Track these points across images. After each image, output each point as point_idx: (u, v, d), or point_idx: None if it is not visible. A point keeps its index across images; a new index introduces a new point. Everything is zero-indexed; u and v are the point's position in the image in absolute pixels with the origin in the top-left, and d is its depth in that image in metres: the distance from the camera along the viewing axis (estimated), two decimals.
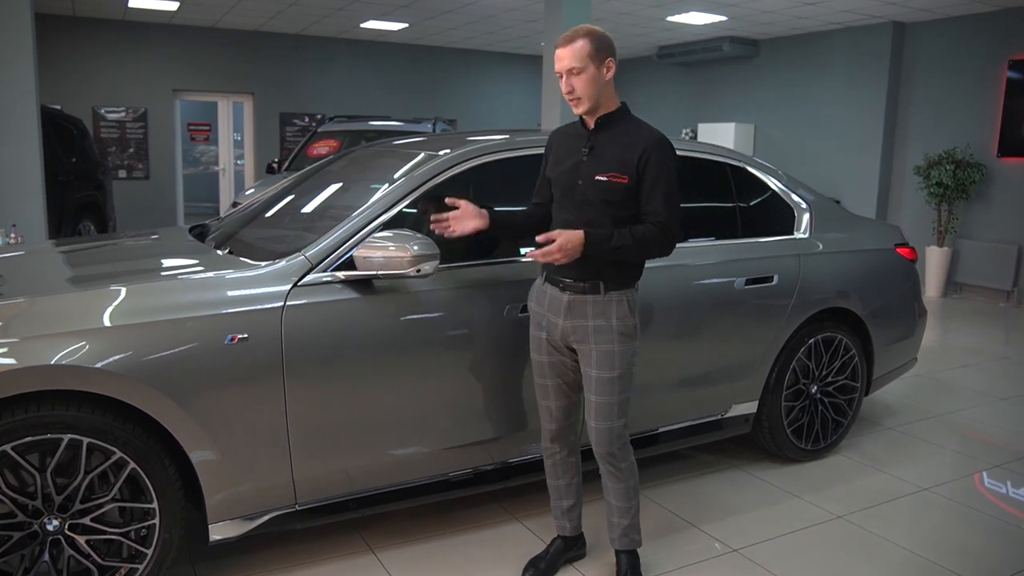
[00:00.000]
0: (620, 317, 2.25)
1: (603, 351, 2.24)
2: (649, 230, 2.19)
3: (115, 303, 2.09)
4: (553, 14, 6.41)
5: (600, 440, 2.30)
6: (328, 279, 2.30)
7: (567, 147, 2.33)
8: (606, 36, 2.22)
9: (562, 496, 2.53)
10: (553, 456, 2.49)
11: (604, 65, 2.20)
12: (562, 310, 2.28)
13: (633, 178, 2.19)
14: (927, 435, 3.94)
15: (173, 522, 2.12)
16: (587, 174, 2.23)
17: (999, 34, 7.79)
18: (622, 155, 2.20)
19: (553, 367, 2.37)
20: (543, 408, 2.43)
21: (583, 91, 2.20)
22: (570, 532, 2.57)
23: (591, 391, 2.28)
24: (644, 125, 2.27)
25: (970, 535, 2.90)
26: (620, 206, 2.22)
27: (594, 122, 2.27)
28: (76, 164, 6.96)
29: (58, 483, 1.99)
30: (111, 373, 1.96)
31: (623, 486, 2.37)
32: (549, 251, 2.11)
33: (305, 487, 2.31)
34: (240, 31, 10.37)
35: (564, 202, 2.30)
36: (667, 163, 2.20)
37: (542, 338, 2.36)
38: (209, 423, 2.10)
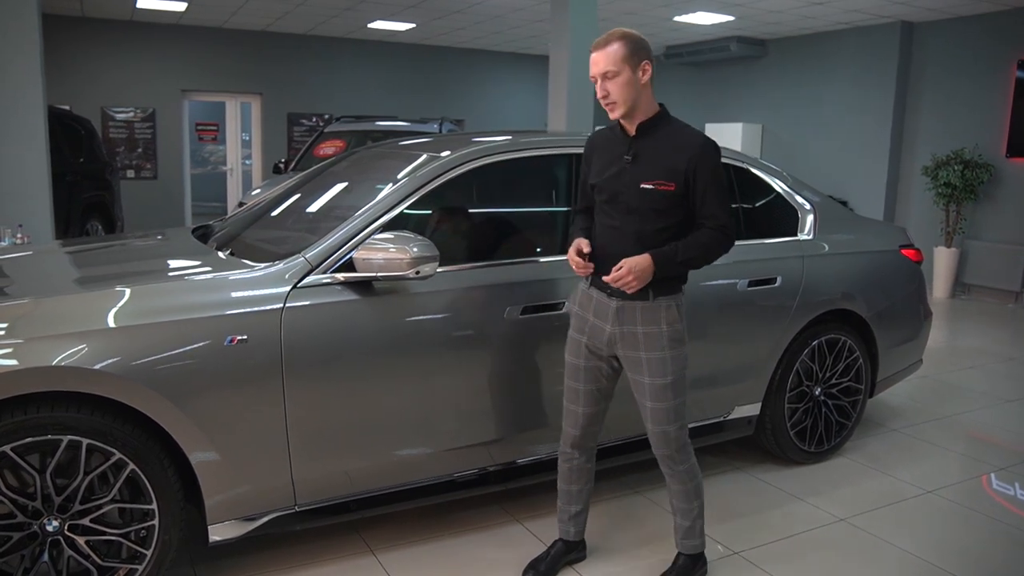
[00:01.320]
0: (670, 323, 2.25)
1: (655, 358, 2.24)
2: (711, 235, 2.20)
3: (115, 305, 2.10)
4: (559, 15, 6.40)
5: (657, 443, 2.33)
6: (328, 281, 2.31)
7: (608, 153, 2.29)
8: (641, 39, 2.18)
9: (571, 501, 2.53)
10: (570, 461, 2.48)
11: (640, 68, 2.16)
12: (610, 316, 2.27)
13: (680, 185, 2.17)
14: (932, 437, 3.91)
15: (172, 523, 2.13)
16: (632, 182, 2.21)
17: (1008, 34, 7.73)
18: (668, 162, 2.18)
19: (588, 372, 2.36)
20: (569, 412, 2.42)
21: (618, 95, 2.17)
22: (573, 537, 2.57)
23: (645, 397, 2.29)
24: (687, 128, 2.24)
25: (974, 538, 2.88)
26: (666, 213, 2.20)
27: (635, 128, 2.23)
28: (84, 164, 7.00)
29: (58, 484, 2.00)
30: (110, 374, 1.97)
31: (682, 488, 2.38)
32: (621, 277, 2.13)
33: (305, 488, 2.32)
34: (248, 31, 10.41)
35: (608, 209, 2.28)
36: (715, 165, 2.20)
37: (581, 342, 2.36)
38: (208, 424, 2.11)
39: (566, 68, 6.34)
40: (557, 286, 2.67)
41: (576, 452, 2.46)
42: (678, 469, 2.36)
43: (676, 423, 2.30)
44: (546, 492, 3.07)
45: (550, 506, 2.97)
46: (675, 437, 2.31)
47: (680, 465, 2.35)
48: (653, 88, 2.22)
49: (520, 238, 2.86)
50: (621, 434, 2.93)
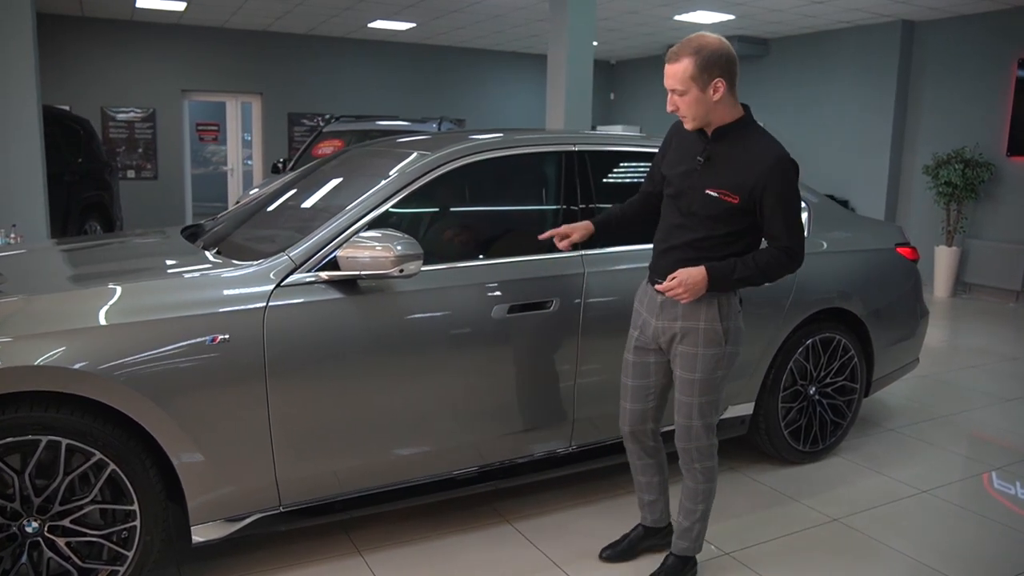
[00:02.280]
0: (708, 320, 2.22)
1: (686, 353, 2.26)
2: (773, 255, 2.17)
3: (96, 304, 2.09)
4: (558, 14, 6.38)
5: (679, 435, 2.34)
6: (312, 279, 2.29)
7: (685, 149, 2.26)
8: (716, 52, 2.07)
9: (643, 490, 2.56)
10: (631, 454, 2.52)
11: (711, 86, 2.08)
12: (655, 309, 2.31)
13: (745, 199, 2.13)
14: (929, 436, 3.88)
15: (154, 524, 2.11)
16: (698, 185, 2.19)
17: (1008, 33, 7.69)
18: (738, 174, 2.13)
19: (636, 368, 2.39)
20: (621, 407, 2.46)
21: (687, 111, 2.14)
22: (651, 523, 2.59)
23: (675, 387, 2.32)
24: (764, 141, 2.15)
25: (970, 538, 2.85)
26: (726, 223, 2.17)
27: (712, 132, 2.19)
28: (82, 164, 7.01)
29: (37, 485, 1.99)
30: (89, 374, 1.95)
31: (693, 486, 2.38)
32: (672, 288, 2.15)
33: (289, 488, 2.30)
34: (248, 31, 10.41)
35: (672, 205, 2.28)
36: (786, 185, 2.12)
37: (634, 336, 2.40)
38: (190, 424, 2.09)
39: (564, 67, 6.32)
40: (544, 285, 2.65)
41: (632, 446, 2.48)
42: (694, 466, 2.35)
43: (700, 420, 2.29)
44: (537, 492, 3.06)
45: (541, 506, 2.96)
46: (696, 434, 2.30)
47: (697, 463, 2.34)
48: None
49: (507, 236, 2.84)
50: (609, 434, 2.91)
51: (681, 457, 2.37)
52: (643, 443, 2.47)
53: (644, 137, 3.27)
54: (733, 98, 2.16)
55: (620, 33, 10.04)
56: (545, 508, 2.96)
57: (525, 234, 2.82)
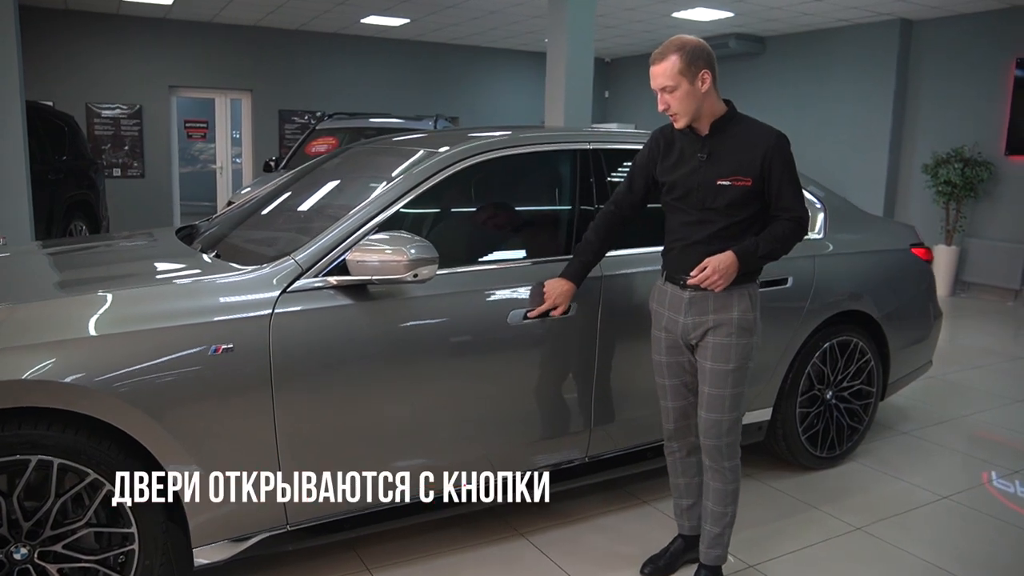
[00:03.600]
0: (742, 311, 2.25)
1: (720, 344, 2.25)
2: (788, 227, 2.24)
3: (88, 312, 1.95)
4: (557, 10, 6.26)
5: (708, 432, 2.29)
6: (320, 285, 2.16)
7: (679, 151, 2.30)
8: (699, 47, 2.18)
9: (681, 494, 2.52)
10: (672, 455, 2.50)
11: (699, 78, 2.17)
12: (683, 307, 2.29)
13: (757, 180, 2.20)
14: (943, 440, 3.81)
15: (154, 547, 1.97)
16: (707, 179, 2.22)
17: (1007, 31, 7.67)
18: (743, 158, 2.20)
19: (671, 368, 2.38)
20: (662, 407, 2.46)
21: (678, 107, 2.19)
22: (689, 531, 2.54)
23: (705, 382, 2.28)
24: (757, 123, 2.26)
25: (995, 546, 2.78)
26: (742, 208, 2.22)
27: (708, 127, 2.24)
28: (67, 162, 6.82)
29: (26, 508, 1.84)
30: (83, 388, 1.82)
31: (723, 488, 2.33)
32: (707, 277, 2.17)
33: (297, 506, 2.17)
34: (238, 26, 10.22)
35: (680, 205, 2.29)
36: (789, 158, 2.23)
37: (661, 338, 2.38)
38: (191, 440, 1.96)
39: (564, 64, 6.21)
40: None
41: (675, 444, 2.47)
42: (723, 465, 2.31)
43: (731, 413, 2.27)
44: (552, 504, 2.94)
45: (555, 519, 2.85)
46: (727, 428, 2.27)
47: (727, 461, 2.30)
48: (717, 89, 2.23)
49: (523, 238, 2.73)
50: (625, 444, 2.81)
51: (710, 456, 2.31)
52: (687, 440, 2.45)
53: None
54: (717, 93, 2.23)
55: (617, 30, 9.95)
56: (558, 520, 2.85)
57: (541, 235, 2.71)
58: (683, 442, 2.46)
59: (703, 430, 2.31)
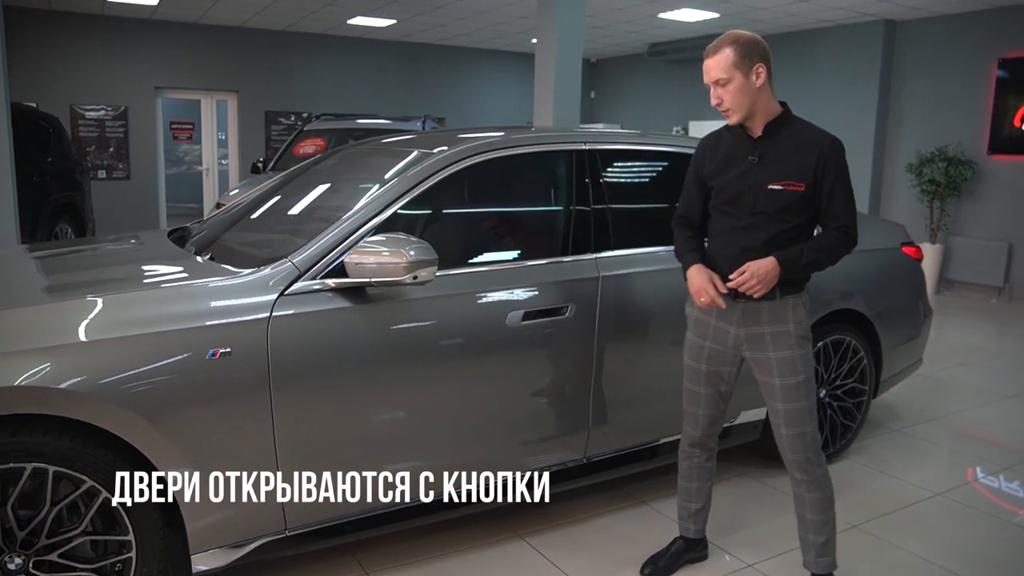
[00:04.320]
0: (797, 321, 2.20)
1: (784, 357, 2.19)
2: (835, 236, 2.16)
3: (83, 316, 1.92)
4: (546, 10, 6.26)
5: (795, 447, 2.22)
6: (318, 287, 2.14)
7: (730, 154, 2.24)
8: (753, 40, 2.13)
9: (691, 499, 2.50)
10: (691, 459, 2.47)
11: (753, 72, 2.11)
12: (735, 318, 2.22)
13: (810, 184, 2.13)
14: (934, 437, 3.84)
15: (152, 555, 1.94)
16: (758, 183, 2.16)
17: (989, 32, 7.76)
18: (796, 161, 2.13)
19: (709, 377, 2.32)
20: (689, 414, 2.40)
21: (732, 102, 2.13)
22: (693, 535, 2.54)
23: (777, 399, 2.21)
24: (812, 127, 2.19)
25: (990, 543, 2.80)
26: (793, 213, 2.15)
27: (761, 129, 2.18)
28: (52, 164, 6.73)
29: (21, 517, 1.81)
30: (78, 394, 1.79)
31: (820, 496, 2.26)
32: (745, 282, 2.09)
33: (295, 511, 2.15)
34: (224, 27, 10.14)
35: (729, 210, 2.22)
36: (843, 164, 2.15)
37: (703, 346, 2.31)
38: (190, 446, 1.93)
39: (552, 64, 6.21)
40: (560, 289, 2.54)
41: (697, 450, 2.45)
42: (817, 473, 2.24)
43: (812, 424, 2.22)
44: (550, 505, 2.93)
45: (554, 519, 2.84)
46: (812, 438, 2.22)
47: (819, 468, 2.25)
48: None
49: (520, 239, 2.71)
50: (623, 444, 2.81)
51: (801, 470, 2.23)
52: (708, 448, 2.44)
53: (653, 135, 3.16)
54: (772, 90, 2.17)
55: (604, 31, 9.97)
56: (557, 521, 2.84)
57: (540, 236, 2.70)
58: (705, 448, 2.43)
59: (789, 447, 2.22)
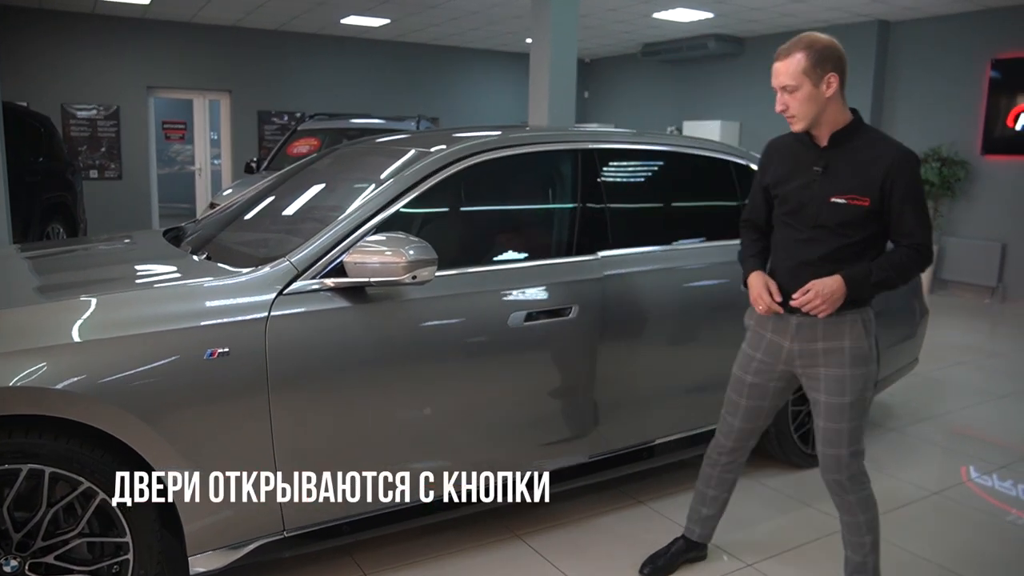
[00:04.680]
0: (854, 339, 2.08)
1: (833, 375, 2.10)
2: (907, 255, 2.04)
3: (79, 316, 1.89)
4: (540, 10, 6.25)
5: (827, 466, 2.17)
6: (316, 287, 2.12)
7: (795, 163, 2.16)
8: (828, 47, 2.02)
9: (704, 503, 2.48)
10: (714, 467, 2.42)
11: (824, 81, 2.01)
12: (789, 332, 2.15)
13: (876, 200, 2.01)
14: (930, 436, 3.86)
15: (149, 556, 1.92)
16: (821, 196, 2.07)
17: (982, 33, 7.80)
18: (862, 175, 2.02)
19: (753, 388, 2.26)
20: (725, 422, 2.36)
21: (797, 110, 2.05)
22: (697, 538, 2.52)
23: (820, 416, 2.15)
24: (882, 138, 2.08)
25: (989, 542, 2.81)
26: (856, 228, 2.05)
27: (827, 139, 2.09)
28: (44, 164, 6.69)
29: (16, 518, 1.79)
30: (75, 395, 1.76)
31: (851, 520, 2.20)
32: (808, 301, 2.03)
33: (293, 512, 2.13)
34: (217, 26, 10.09)
35: (791, 222, 2.15)
36: (914, 178, 2.03)
37: (753, 357, 2.25)
38: (187, 447, 1.91)
39: (547, 64, 6.20)
40: (563, 290, 2.52)
41: (723, 459, 2.40)
42: (848, 498, 2.17)
43: (850, 447, 2.12)
44: (547, 505, 2.92)
45: (552, 519, 2.83)
46: (847, 463, 2.13)
47: (850, 494, 2.16)
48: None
49: (523, 239, 2.70)
50: (624, 444, 2.80)
51: (832, 490, 2.19)
52: (735, 460, 2.40)
53: (651, 134, 3.16)
54: (843, 99, 2.07)
55: (597, 31, 9.97)
56: (555, 521, 2.83)
57: (543, 236, 2.69)
58: (731, 459, 2.38)
59: (822, 465, 2.17)
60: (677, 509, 2.95)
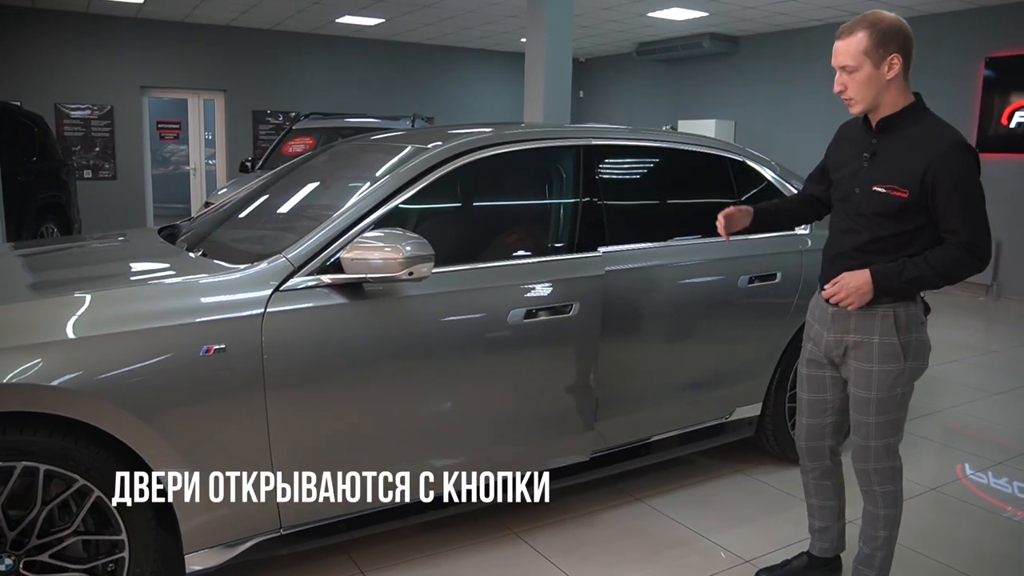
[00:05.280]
0: (883, 333, 2.03)
1: (860, 369, 2.08)
2: (948, 253, 1.94)
3: (75, 313, 1.88)
4: (535, 10, 6.26)
5: (855, 454, 2.18)
6: (313, 283, 2.11)
7: (850, 148, 2.12)
8: (894, 26, 1.92)
9: (814, 515, 2.40)
10: (805, 474, 2.37)
11: (886, 63, 1.91)
12: (828, 321, 2.14)
13: (915, 193, 1.93)
14: (926, 432, 3.86)
15: (145, 554, 1.91)
16: (865, 183, 2.01)
17: (977, 31, 7.84)
18: (905, 165, 1.94)
19: (810, 381, 2.25)
20: (798, 421, 2.33)
21: (855, 92, 1.96)
22: (818, 552, 2.41)
23: (851, 406, 2.15)
24: (935, 128, 1.96)
25: (984, 537, 2.82)
26: (892, 220, 1.98)
27: (877, 122, 2.01)
28: (37, 163, 6.67)
29: (11, 516, 1.77)
30: (70, 391, 1.75)
31: (872, 511, 2.20)
32: (835, 294, 2.01)
33: (290, 509, 2.12)
34: (211, 26, 10.07)
35: (840, 210, 2.13)
36: (962, 171, 1.91)
37: (808, 349, 2.25)
38: (183, 444, 1.90)
39: (542, 63, 6.21)
40: (564, 287, 2.50)
41: (808, 463, 2.34)
42: (873, 489, 2.17)
43: (878, 439, 2.11)
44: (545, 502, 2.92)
45: (549, 517, 2.83)
46: (875, 455, 2.12)
47: (877, 486, 2.16)
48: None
49: (522, 235, 2.69)
50: (622, 441, 2.80)
51: (859, 478, 2.19)
52: (820, 460, 2.32)
53: (654, 131, 3.16)
54: (906, 83, 1.98)
55: (592, 30, 9.98)
56: (552, 518, 2.83)
57: (543, 233, 2.68)
58: (816, 463, 2.32)
59: (852, 451, 2.18)
60: (675, 506, 2.96)
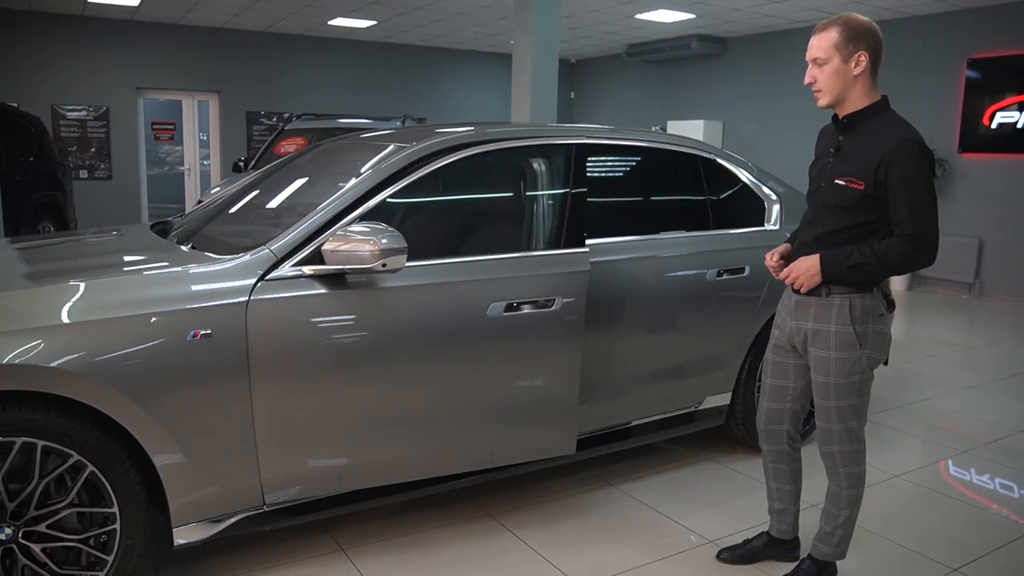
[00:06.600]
0: (839, 322, 2.14)
1: (819, 356, 2.19)
2: (894, 244, 2.04)
3: (71, 299, 2.00)
4: (522, 11, 6.38)
5: (819, 438, 2.28)
6: (295, 273, 2.23)
7: (823, 146, 2.27)
8: (864, 28, 2.06)
9: (773, 497, 2.51)
10: (764, 458, 2.48)
11: (854, 59, 2.05)
12: (791, 309, 2.27)
13: (870, 185, 2.05)
14: (896, 423, 3.98)
15: (135, 527, 2.04)
16: (830, 176, 2.15)
17: (959, 33, 7.95)
18: (863, 159, 2.07)
19: (775, 367, 2.36)
20: (759, 404, 2.44)
21: (823, 84, 2.10)
22: (776, 533, 2.53)
23: (814, 392, 2.26)
24: (892, 125, 2.08)
25: (938, 519, 2.94)
26: (853, 212, 2.09)
27: (842, 120, 2.15)
28: (34, 163, 6.77)
29: (10, 489, 1.90)
30: (67, 372, 1.87)
31: (836, 491, 2.30)
32: (787, 275, 2.17)
33: (273, 487, 2.25)
34: (205, 28, 10.18)
35: (809, 203, 2.25)
36: (912, 167, 2.02)
37: (775, 336, 2.36)
38: (172, 423, 2.02)
39: (530, 64, 6.32)
40: (544, 282, 2.56)
41: (766, 447, 2.44)
42: (838, 470, 2.27)
43: (839, 423, 2.21)
44: (519, 487, 3.05)
45: (524, 500, 2.95)
46: (838, 438, 2.23)
47: (841, 467, 2.26)
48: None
49: (504, 231, 2.77)
50: (594, 426, 2.92)
51: (824, 460, 2.29)
52: (778, 444, 2.41)
53: (633, 130, 3.26)
54: (872, 82, 2.11)
55: (581, 32, 10.10)
56: (529, 502, 2.95)
57: (521, 228, 2.74)
58: (773, 446, 2.41)
59: (817, 434, 2.29)
60: (649, 492, 3.08)
